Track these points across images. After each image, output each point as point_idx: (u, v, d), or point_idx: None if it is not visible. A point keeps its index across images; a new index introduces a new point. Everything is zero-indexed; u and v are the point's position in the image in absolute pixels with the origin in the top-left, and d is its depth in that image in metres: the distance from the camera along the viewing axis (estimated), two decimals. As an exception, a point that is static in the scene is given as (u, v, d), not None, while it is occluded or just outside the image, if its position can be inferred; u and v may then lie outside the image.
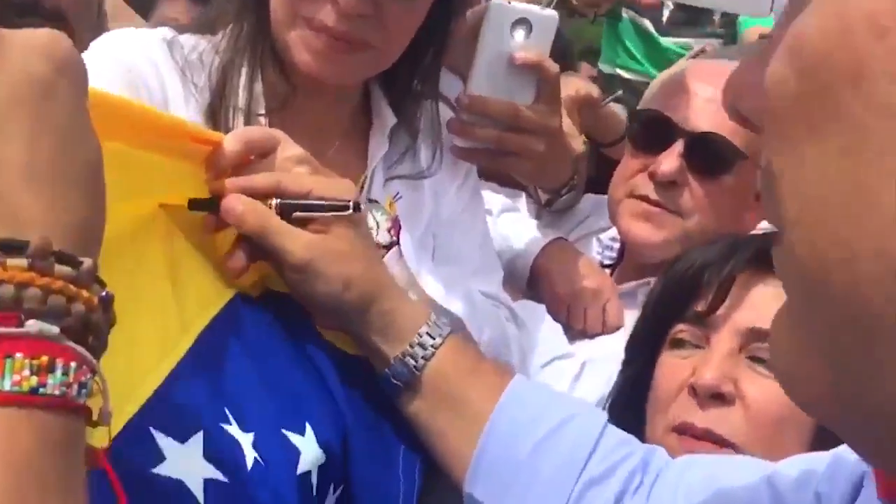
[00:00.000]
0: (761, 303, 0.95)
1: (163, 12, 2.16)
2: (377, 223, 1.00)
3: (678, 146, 1.30)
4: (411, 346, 0.84)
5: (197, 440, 0.65)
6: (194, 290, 0.77)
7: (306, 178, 0.83)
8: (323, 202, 0.82)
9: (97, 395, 0.44)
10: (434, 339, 0.85)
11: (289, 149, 0.85)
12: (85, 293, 0.42)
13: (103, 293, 0.44)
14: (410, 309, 0.87)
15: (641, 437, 0.96)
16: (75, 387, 0.40)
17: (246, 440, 0.70)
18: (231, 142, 0.80)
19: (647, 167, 1.34)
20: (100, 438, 0.46)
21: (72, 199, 0.43)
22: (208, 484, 0.63)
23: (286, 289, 0.85)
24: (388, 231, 1.01)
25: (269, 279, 0.87)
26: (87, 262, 0.42)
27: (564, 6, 1.35)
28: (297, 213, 0.81)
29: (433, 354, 0.84)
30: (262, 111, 1.06)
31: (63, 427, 0.40)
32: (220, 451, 0.66)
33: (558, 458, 0.82)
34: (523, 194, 1.57)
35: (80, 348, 0.41)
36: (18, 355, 0.38)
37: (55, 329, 0.40)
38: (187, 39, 1.10)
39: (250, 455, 0.69)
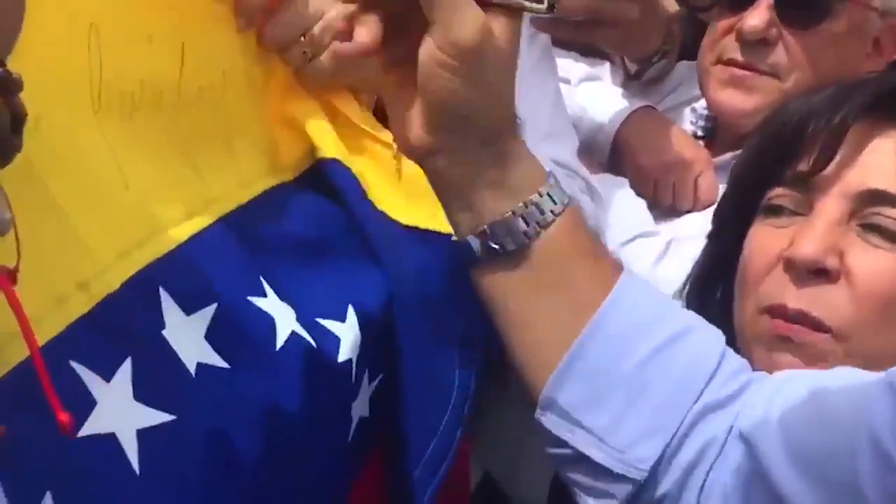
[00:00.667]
0: (879, 159, 0.80)
1: None
2: None
3: None
4: (527, 206, 0.68)
5: (203, 315, 0.59)
6: (239, 161, 0.71)
7: None
8: None
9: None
10: (556, 203, 0.69)
11: None
12: None
13: None
14: (533, 162, 0.71)
15: (727, 321, 0.83)
16: None
17: (285, 312, 0.64)
18: None
19: (734, 27, 1.18)
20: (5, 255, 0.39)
21: None
22: (201, 368, 0.57)
23: (337, 153, 0.76)
24: None
25: (320, 147, 0.78)
26: None
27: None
28: None
29: (551, 222, 0.69)
30: None
31: None
32: (234, 330, 0.60)
33: (674, 374, 0.70)
34: (608, 63, 1.42)
35: None
36: None
37: None
38: None
39: (285, 331, 0.62)
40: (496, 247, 0.69)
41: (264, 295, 0.63)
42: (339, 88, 0.81)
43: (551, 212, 0.69)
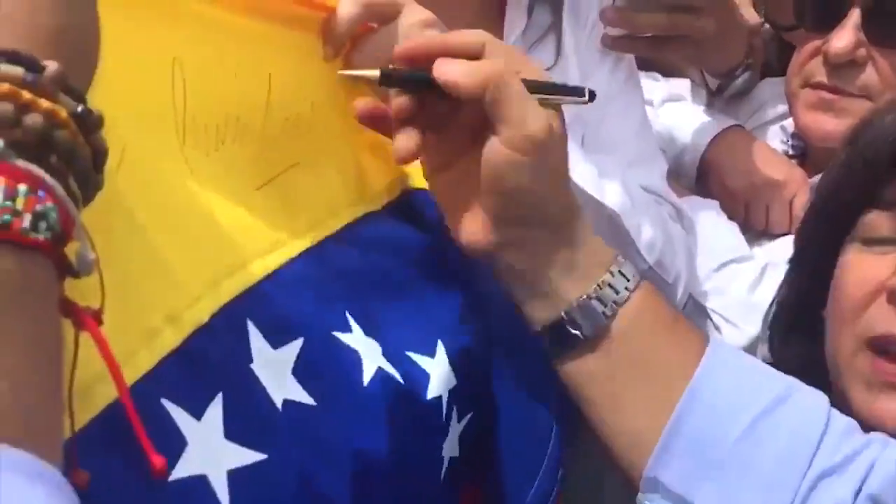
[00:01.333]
0: None
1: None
2: None
3: (853, 17, 1.08)
4: (600, 287, 0.67)
5: (290, 349, 0.57)
6: (328, 191, 0.70)
7: (514, 53, 0.70)
8: (561, 85, 0.69)
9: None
10: (628, 280, 0.68)
11: (414, 12, 0.74)
12: (45, 102, 0.32)
13: (80, 108, 0.34)
14: (599, 243, 0.71)
15: (817, 352, 0.79)
16: (27, 217, 0.31)
17: (371, 348, 0.62)
18: (347, 4, 0.69)
19: (821, 49, 1.13)
20: (88, 294, 0.38)
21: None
22: (287, 405, 0.55)
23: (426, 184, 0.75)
24: None
25: (410, 177, 0.77)
26: (51, 65, 0.33)
27: None
28: (536, 93, 0.66)
29: (626, 299, 0.68)
30: None
31: (7, 266, 0.31)
32: (321, 366, 0.58)
33: (779, 442, 0.66)
34: (688, 81, 1.39)
35: (34, 168, 0.32)
36: None
37: None
38: None
39: (371, 367, 0.61)
40: (576, 333, 0.68)
41: (349, 330, 0.61)
42: None
43: (626, 289, 0.68)
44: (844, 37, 1.09)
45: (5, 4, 0.33)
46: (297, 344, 0.57)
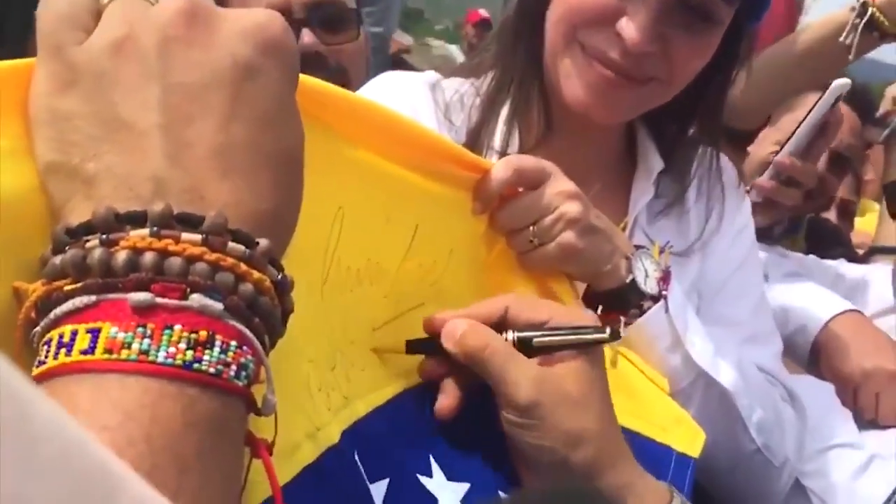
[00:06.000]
0: None
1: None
2: (645, 271, 0.89)
3: None
4: None
5: (380, 486, 0.60)
6: None
7: (542, 303, 0.69)
8: (573, 330, 0.66)
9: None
10: None
11: (560, 183, 0.80)
12: (256, 274, 0.39)
13: (279, 277, 0.41)
14: (648, 486, 0.65)
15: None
16: (233, 367, 0.37)
17: (450, 493, 0.64)
18: (501, 169, 0.75)
19: None
20: (267, 429, 0.44)
21: (262, 184, 0.41)
22: None
23: None
24: (658, 281, 0.91)
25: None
26: (263, 242, 0.40)
27: (874, 29, 1.31)
28: (539, 340, 0.65)
29: None
30: (516, 151, 1.02)
31: (215, 408, 0.37)
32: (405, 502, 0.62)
33: None
34: (812, 258, 1.42)
35: (242, 327, 0.38)
36: (177, 327, 0.36)
37: (219, 305, 0.38)
38: (451, 83, 1.10)
39: None
40: None
41: (431, 475, 0.64)
42: (557, 274, 0.83)
43: None
44: None
45: (238, 191, 0.40)
46: (384, 483, 0.60)
